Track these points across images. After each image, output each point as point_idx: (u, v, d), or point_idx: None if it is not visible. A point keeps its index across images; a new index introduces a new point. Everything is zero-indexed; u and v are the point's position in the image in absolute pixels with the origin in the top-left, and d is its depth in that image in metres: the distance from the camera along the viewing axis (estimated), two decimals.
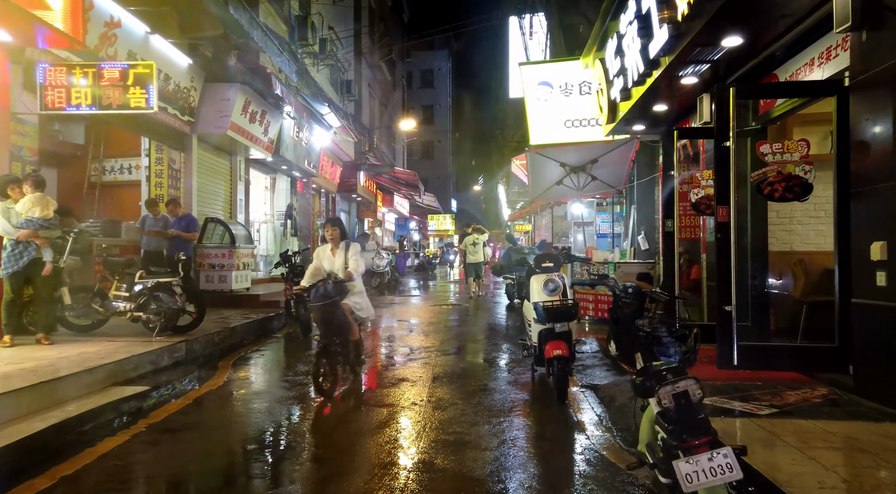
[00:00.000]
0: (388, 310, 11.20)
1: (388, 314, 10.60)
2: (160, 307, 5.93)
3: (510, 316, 10.18)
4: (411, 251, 31.10)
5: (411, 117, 25.17)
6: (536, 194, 9.94)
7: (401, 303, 12.70)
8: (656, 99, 7.26)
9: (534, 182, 9.66)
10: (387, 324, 9.36)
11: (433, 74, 53.57)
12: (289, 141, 12.62)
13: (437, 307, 11.53)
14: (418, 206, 33.13)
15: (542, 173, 9.27)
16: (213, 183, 10.68)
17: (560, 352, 4.57)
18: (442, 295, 15.39)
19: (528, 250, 10.56)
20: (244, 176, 11.97)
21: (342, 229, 5.40)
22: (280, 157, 12.40)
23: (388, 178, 23.41)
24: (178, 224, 8.51)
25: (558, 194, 10.02)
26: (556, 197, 10.55)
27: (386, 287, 17.66)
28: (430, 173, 48.72)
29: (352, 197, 21.96)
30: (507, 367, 5.98)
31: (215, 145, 10.62)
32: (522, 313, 5.60)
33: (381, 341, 7.79)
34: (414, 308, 11.45)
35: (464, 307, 11.61)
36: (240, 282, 9.94)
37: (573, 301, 4.79)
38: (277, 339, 7.89)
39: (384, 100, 25.18)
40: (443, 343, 7.28)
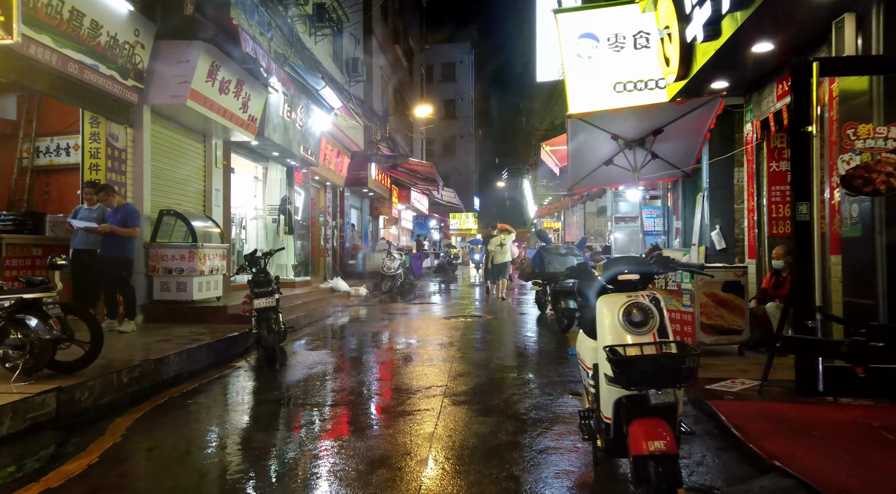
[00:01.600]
0: (390, 324, 9.12)
1: (388, 329, 8.53)
2: (25, 338, 3.95)
3: (542, 334, 8.01)
4: (430, 251, 29.10)
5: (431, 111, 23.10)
6: (578, 179, 7.75)
7: (408, 314, 10.62)
8: (760, 31, 5.03)
9: (575, 163, 7.47)
10: (383, 347, 7.28)
11: (454, 67, 51.66)
12: (277, 121, 10.65)
13: (452, 321, 9.42)
14: (438, 203, 31.04)
15: (587, 150, 7.08)
16: (177, 169, 8.76)
17: (661, 445, 2.40)
18: (461, 303, 13.26)
19: (566, 250, 8.38)
20: (223, 162, 10.04)
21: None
22: (266, 140, 10.44)
23: (404, 171, 21.38)
24: (113, 217, 6.57)
25: (606, 177, 7.81)
26: (602, 182, 8.34)
27: (398, 292, 15.62)
28: (452, 170, 46.74)
29: (363, 192, 19.98)
30: (548, 432, 3.84)
31: (180, 122, 8.69)
32: (577, 353, 3.45)
33: (367, 374, 5.72)
34: (423, 322, 9.36)
35: (485, 321, 9.46)
36: (206, 290, 7.99)
37: (685, 346, 2.62)
38: (233, 371, 5.88)
39: (399, 87, 23.16)
40: (453, 381, 5.17)
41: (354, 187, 18.83)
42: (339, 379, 5.37)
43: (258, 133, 10.06)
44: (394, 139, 22.36)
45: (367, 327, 8.95)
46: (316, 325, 9.05)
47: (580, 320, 4.14)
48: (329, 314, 10.33)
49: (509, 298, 13.87)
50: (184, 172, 8.99)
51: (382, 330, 8.44)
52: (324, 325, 9.09)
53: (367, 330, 8.54)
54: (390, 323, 9.21)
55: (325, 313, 10.34)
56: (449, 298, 14.81)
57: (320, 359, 6.32)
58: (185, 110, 8.02)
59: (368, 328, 8.81)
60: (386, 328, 8.71)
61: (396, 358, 6.40)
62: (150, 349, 5.68)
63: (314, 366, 5.94)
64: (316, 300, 10.85)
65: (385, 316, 10.34)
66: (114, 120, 7.18)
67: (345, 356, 6.60)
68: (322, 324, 9.17)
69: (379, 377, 5.48)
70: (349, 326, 9.17)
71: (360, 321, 9.70)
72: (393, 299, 13.90)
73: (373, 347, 7.20)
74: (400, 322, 9.29)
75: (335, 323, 9.40)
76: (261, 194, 12.68)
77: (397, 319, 9.81)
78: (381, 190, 20.89)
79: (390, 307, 11.87)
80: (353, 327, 9.08)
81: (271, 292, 5.99)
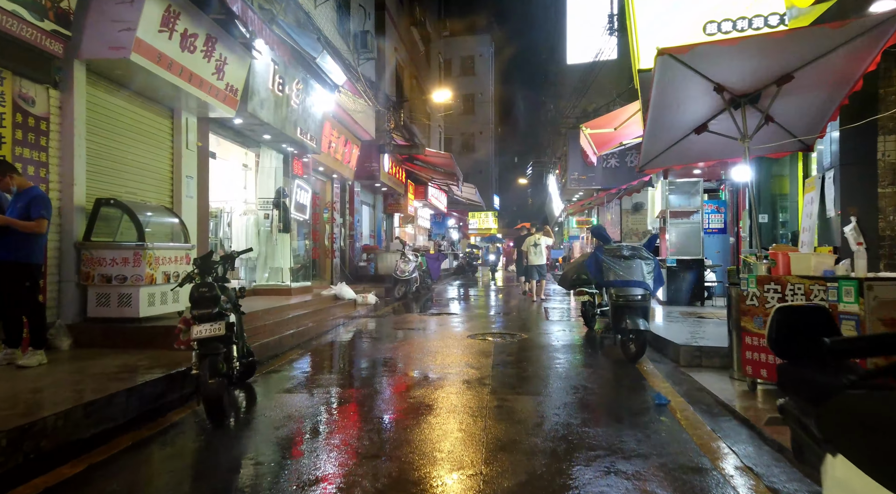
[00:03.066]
0: (400, 347, 7.16)
1: (397, 355, 6.56)
2: None
3: (603, 365, 5.99)
4: (449, 252, 27.14)
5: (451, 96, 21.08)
6: (655, 154, 5.69)
7: (424, 330, 8.65)
8: None
9: (653, 133, 5.42)
10: (387, 387, 5.31)
11: (473, 60, 49.90)
12: (265, 95, 8.78)
13: (478, 341, 7.43)
14: (457, 201, 29.06)
15: (672, 111, 5.04)
16: (131, 149, 6.92)
17: None
18: (486, 314, 11.24)
19: (631, 251, 6.30)
20: (197, 144, 8.19)
21: None
22: (252, 117, 8.57)
23: (421, 164, 19.45)
24: (12, 206, 4.73)
25: (693, 151, 5.72)
26: (687, 158, 6.19)
27: (413, 299, 13.68)
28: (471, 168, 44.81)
29: (374, 186, 18.10)
30: None
31: (135, 89, 6.84)
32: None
33: (359, 442, 3.74)
34: (442, 343, 7.39)
35: (521, 342, 7.45)
36: (160, 304, 6.11)
37: None
38: (161, 434, 3.96)
39: (415, 73, 21.22)
40: (491, 461, 3.20)
41: (365, 181, 16.96)
42: (316, 453, 3.43)
43: (240, 108, 8.19)
44: (410, 130, 20.45)
45: (369, 351, 7.00)
46: (306, 347, 7.13)
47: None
48: (327, 331, 8.40)
49: (542, 307, 11.83)
50: (141, 154, 7.14)
51: (389, 357, 6.48)
52: (316, 347, 7.16)
53: (368, 357, 6.60)
54: (400, 345, 7.25)
55: (323, 328, 8.43)
56: (471, 306, 12.82)
57: (295, 409, 4.38)
58: (135, 71, 6.16)
59: (371, 352, 6.86)
60: (394, 352, 6.75)
61: (405, 408, 4.43)
62: (38, 397, 3.80)
63: (283, 425, 4.00)
64: (314, 312, 8.95)
65: (395, 333, 8.40)
66: (26, 76, 5.33)
67: (332, 403, 4.65)
68: (314, 345, 7.25)
69: (376, 452, 3.52)
70: (347, 349, 7.23)
71: (363, 342, 7.77)
72: (407, 308, 11.96)
73: (372, 387, 5.24)
74: (413, 343, 7.33)
75: (331, 345, 7.47)
76: (252, 185, 10.83)
77: (410, 338, 7.85)
78: (395, 185, 18.99)
79: (403, 320, 9.92)
80: (351, 351, 7.14)
81: (218, 315, 4.06)
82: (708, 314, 8.91)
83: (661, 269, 6.36)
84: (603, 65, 18.06)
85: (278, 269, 10.70)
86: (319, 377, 5.56)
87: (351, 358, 6.54)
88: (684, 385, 4.98)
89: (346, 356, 6.69)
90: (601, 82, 17.69)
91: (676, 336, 6.40)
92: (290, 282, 10.54)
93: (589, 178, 19.16)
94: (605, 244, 6.53)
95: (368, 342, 7.63)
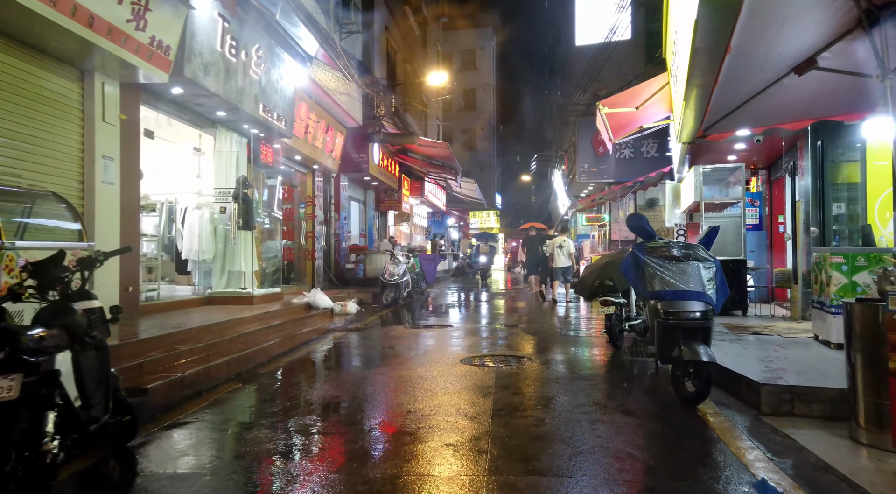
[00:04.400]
0: (371, 380, 5.41)
1: (365, 393, 4.81)
2: None
3: (649, 412, 4.25)
4: (448, 252, 25.42)
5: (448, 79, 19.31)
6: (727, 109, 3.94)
7: (409, 350, 6.92)
8: None
9: (734, 67, 3.64)
10: (337, 456, 3.57)
11: (474, 54, 48.37)
12: (211, 58, 7.07)
13: (477, 369, 5.70)
14: (457, 199, 27.34)
15: (768, 35, 3.28)
16: (17, 119, 5.21)
17: None
18: (487, 326, 9.50)
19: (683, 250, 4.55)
20: (120, 117, 6.49)
21: None
22: (193, 84, 6.87)
23: (416, 157, 17.73)
24: None
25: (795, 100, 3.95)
26: (783, 114, 4.36)
27: (404, 306, 11.97)
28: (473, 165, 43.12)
29: (364, 180, 16.39)
30: None
31: (19, 37, 5.15)
32: None
33: None
34: (430, 372, 5.66)
35: (531, 370, 5.70)
36: None
37: None
38: None
39: (410, 57, 19.49)
40: None
41: (353, 174, 15.25)
42: None
43: (175, 72, 6.48)
44: (403, 119, 18.75)
45: (328, 387, 5.24)
46: (249, 378, 5.39)
47: None
48: (285, 352, 6.67)
49: (554, 317, 10.10)
50: (36, 127, 5.44)
51: (352, 398, 4.75)
52: (259, 379, 5.42)
53: (323, 398, 4.84)
54: (372, 376, 5.52)
55: (282, 348, 6.70)
56: (470, 315, 11.08)
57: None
58: (8, 7, 4.46)
59: (330, 389, 5.10)
60: (360, 389, 5.02)
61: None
62: None
63: None
64: (274, 327, 7.24)
65: (369, 356, 6.68)
66: None
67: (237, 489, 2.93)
68: (258, 377, 5.51)
69: None
70: (298, 384, 5.49)
71: (324, 371, 6.03)
72: (394, 318, 10.23)
73: (310, 456, 3.52)
74: (389, 373, 5.59)
75: (279, 376, 5.74)
76: (209, 172, 9.11)
77: (387, 363, 6.13)
78: (388, 179, 17.27)
79: (385, 335, 8.19)
80: (304, 386, 5.39)
81: (11, 363, 2.33)
82: (759, 326, 7.17)
83: (724, 274, 4.63)
84: (615, 45, 16.33)
85: (238, 273, 9.00)
86: (237, 436, 3.83)
87: (296, 400, 4.80)
88: (788, 456, 3.25)
89: (291, 396, 4.95)
90: (614, 63, 15.98)
91: (745, 366, 4.67)
92: (252, 289, 8.84)
93: (600, 170, 17.47)
94: (648, 241, 4.79)
95: (330, 372, 5.90)
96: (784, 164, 10.61)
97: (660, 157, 16.82)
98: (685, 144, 9.61)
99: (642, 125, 12.23)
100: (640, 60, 16.07)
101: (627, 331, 6.99)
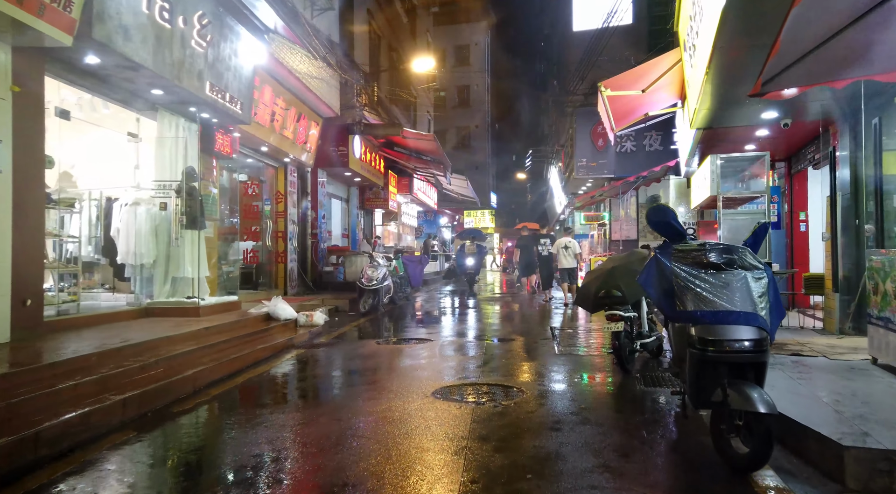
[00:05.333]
0: (305, 425, 4.12)
1: (286, 450, 3.56)
2: None
3: (675, 486, 3.05)
4: (440, 253, 24.19)
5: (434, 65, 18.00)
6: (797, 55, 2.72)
7: (368, 375, 5.68)
8: None
9: (807, 5, 2.44)
10: None
11: (468, 49, 47.35)
12: (134, 21, 5.80)
13: (443, 408, 4.47)
14: (449, 197, 26.11)
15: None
16: None
17: None
18: (470, 342, 8.26)
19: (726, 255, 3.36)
20: (12, 88, 5.23)
21: None
22: (110, 50, 5.61)
23: (402, 152, 16.48)
24: None
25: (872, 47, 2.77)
26: (869, 62, 3.20)
27: (386, 314, 10.76)
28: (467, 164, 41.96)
29: (345, 176, 15.15)
30: None
31: None
32: None
33: None
34: (382, 412, 4.43)
35: (514, 409, 4.46)
36: None
37: None
38: None
39: (396, 45, 18.23)
40: None
41: (331, 168, 14.00)
42: None
43: (81, 33, 5.23)
44: (389, 112, 17.51)
45: (251, 436, 3.94)
46: (149, 424, 4.13)
47: None
48: (215, 381, 5.40)
49: (549, 327, 8.89)
50: None
51: (277, 457, 3.50)
52: (163, 427, 4.12)
53: (237, 460, 3.54)
54: (316, 419, 4.27)
55: (212, 376, 5.43)
56: (456, 325, 9.85)
57: None
58: None
59: (251, 443, 3.77)
60: (297, 440, 3.78)
61: None
62: None
63: None
64: (211, 348, 6.00)
65: (323, 386, 5.45)
66: None
67: None
68: (161, 424, 4.21)
69: None
70: (214, 433, 4.21)
71: (257, 410, 4.74)
72: (370, 330, 9.00)
73: None
74: (340, 414, 4.34)
75: (195, 418, 4.48)
76: (149, 163, 7.85)
77: (341, 398, 4.90)
78: (372, 175, 16.03)
79: (352, 353, 6.96)
80: (216, 437, 4.09)
81: None
82: (795, 343, 5.96)
83: (776, 285, 3.42)
84: (615, 30, 15.14)
85: (185, 280, 7.76)
86: None
87: (195, 465, 3.55)
88: None
89: (188, 459, 3.70)
90: (615, 50, 14.79)
91: (809, 411, 3.47)
92: (200, 298, 7.60)
93: (600, 165, 16.28)
94: (676, 242, 3.57)
95: (263, 413, 4.61)
96: (809, 154, 9.43)
97: (664, 150, 15.64)
98: (700, 129, 8.43)
99: (648, 112, 11.04)
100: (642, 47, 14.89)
101: (639, 351, 5.80)
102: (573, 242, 12.51)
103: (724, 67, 5.61)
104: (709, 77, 5.93)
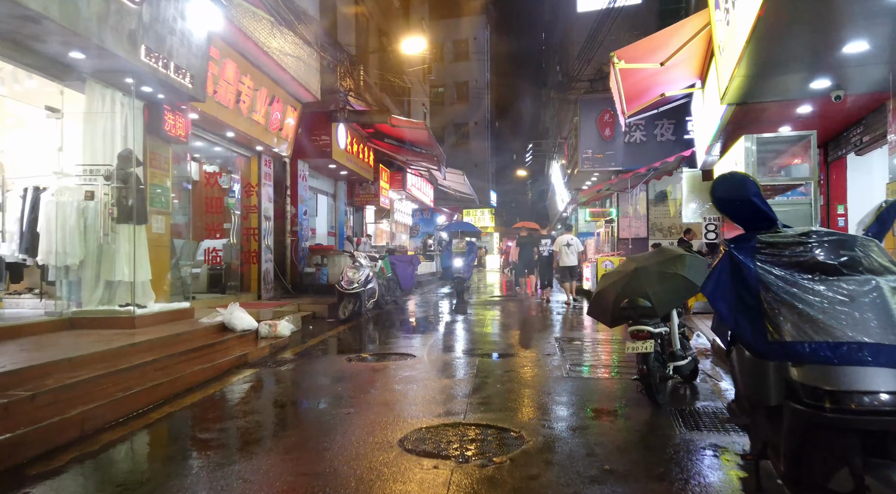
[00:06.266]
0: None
1: None
2: None
3: None
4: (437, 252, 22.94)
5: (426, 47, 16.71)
6: None
7: (327, 406, 4.42)
8: None
9: None
10: None
11: (467, 44, 46.23)
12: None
13: (414, 468, 3.20)
14: (446, 195, 24.84)
15: None
16: None
17: None
18: (459, 360, 6.98)
19: (851, 248, 2.13)
20: None
21: None
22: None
23: (391, 142, 15.22)
24: None
25: None
26: None
27: (370, 320, 9.52)
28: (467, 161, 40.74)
29: (331, 169, 13.90)
30: None
31: None
32: None
33: None
34: (328, 475, 3.14)
35: (509, 473, 3.22)
36: None
37: None
38: None
39: (386, 28, 16.96)
40: None
41: (313, 160, 12.74)
42: None
43: None
44: (380, 101, 16.25)
45: None
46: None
47: None
48: (113, 422, 4.12)
49: (554, 338, 7.62)
50: None
51: None
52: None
53: None
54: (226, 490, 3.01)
55: (114, 414, 4.16)
56: (445, 336, 8.57)
57: None
58: None
59: None
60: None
61: None
62: None
63: None
64: (133, 370, 4.75)
65: (262, 427, 4.18)
66: None
67: None
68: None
69: None
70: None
71: (139, 473, 3.48)
72: (345, 342, 7.74)
73: None
74: (263, 482, 3.10)
75: (53, 484, 3.21)
76: (75, 145, 6.58)
77: (277, 449, 3.65)
78: (361, 168, 14.78)
79: (315, 375, 5.69)
80: None
81: None
82: None
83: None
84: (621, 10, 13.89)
85: (122, 284, 6.51)
86: None
87: None
88: None
89: None
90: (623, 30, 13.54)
91: None
92: (138, 305, 6.35)
93: (606, 156, 15.01)
94: (762, 231, 2.31)
95: (140, 487, 3.37)
96: (854, 137, 8.18)
97: (676, 140, 14.38)
98: (732, 104, 7.17)
99: (664, 92, 9.80)
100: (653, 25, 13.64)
101: (672, 377, 4.54)
102: (575, 239, 12.22)
103: (782, 10, 4.38)
104: (757, 27, 4.68)
